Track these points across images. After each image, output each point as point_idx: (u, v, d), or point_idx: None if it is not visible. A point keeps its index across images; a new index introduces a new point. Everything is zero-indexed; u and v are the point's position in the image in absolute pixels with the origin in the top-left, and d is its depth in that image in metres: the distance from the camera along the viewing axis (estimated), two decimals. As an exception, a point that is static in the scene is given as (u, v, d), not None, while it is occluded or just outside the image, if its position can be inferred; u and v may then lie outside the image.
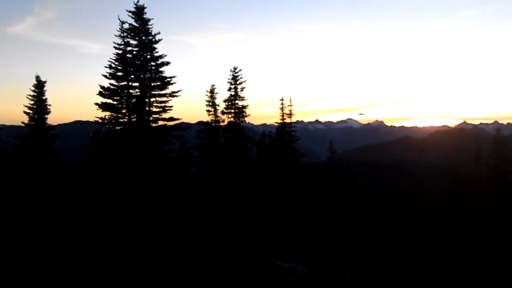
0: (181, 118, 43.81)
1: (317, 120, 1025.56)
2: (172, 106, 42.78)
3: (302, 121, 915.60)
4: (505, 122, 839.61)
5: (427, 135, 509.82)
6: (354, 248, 33.85)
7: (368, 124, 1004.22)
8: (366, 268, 26.85)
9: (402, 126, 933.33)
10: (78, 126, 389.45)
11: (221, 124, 51.59)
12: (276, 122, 57.89)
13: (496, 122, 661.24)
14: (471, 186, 48.90)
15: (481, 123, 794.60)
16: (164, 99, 42.48)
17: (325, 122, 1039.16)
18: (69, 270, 21.33)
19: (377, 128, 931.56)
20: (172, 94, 42.69)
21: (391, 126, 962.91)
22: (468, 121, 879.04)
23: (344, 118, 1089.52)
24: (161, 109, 42.51)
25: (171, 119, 42.93)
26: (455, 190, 51.35)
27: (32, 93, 46.65)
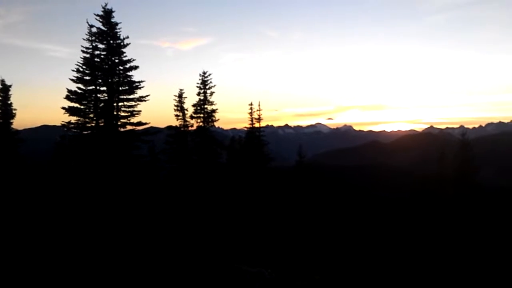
0: (149, 123, 43.52)
1: (286, 125, 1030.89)
2: (140, 111, 42.45)
3: (272, 125, 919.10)
4: (471, 126, 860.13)
5: (395, 139, 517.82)
6: (324, 251, 34.07)
7: (337, 128, 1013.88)
8: (336, 270, 27.06)
9: (371, 131, 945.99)
10: (45, 131, 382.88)
11: (190, 128, 51.49)
12: (246, 127, 57.92)
13: (462, 126, 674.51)
14: (434, 188, 49.75)
15: (447, 128, 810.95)
16: (133, 103, 42.09)
17: (294, 126, 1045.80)
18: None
19: (345, 132, 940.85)
20: (141, 99, 42.34)
21: (360, 130, 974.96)
22: (435, 126, 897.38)
23: (313, 123, 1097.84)
24: (129, 114, 42.10)
25: (140, 123, 42.58)
26: (419, 191, 52.28)
27: (-4, 97, 45.93)
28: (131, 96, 42.04)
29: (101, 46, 40.22)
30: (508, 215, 47.10)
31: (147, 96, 42.53)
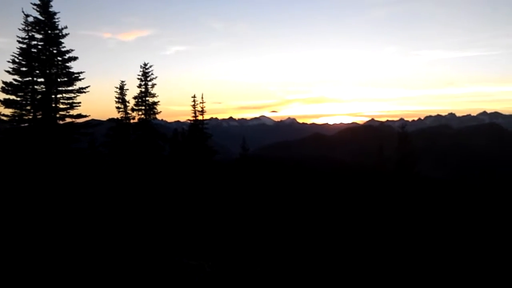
0: (90, 115, 42.81)
1: (231, 117, 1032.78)
2: (80, 103, 41.66)
3: (216, 118, 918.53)
4: (410, 119, 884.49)
5: (337, 131, 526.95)
6: (268, 243, 34.33)
7: (281, 121, 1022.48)
8: (279, 261, 27.34)
9: (314, 123, 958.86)
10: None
11: (132, 121, 50.88)
12: (189, 119, 57.66)
13: (402, 119, 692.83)
14: (373, 179, 51.00)
15: (388, 120, 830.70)
16: (72, 95, 41.23)
17: (239, 119, 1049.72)
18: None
19: (289, 125, 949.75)
20: (80, 90, 41.52)
21: (303, 123, 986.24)
22: (376, 118, 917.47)
23: (258, 115, 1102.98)
24: (68, 106, 41.22)
25: (79, 116, 41.78)
26: (358, 182, 53.58)
27: None
28: (70, 88, 41.19)
29: (38, 36, 39.11)
30: (445, 204, 48.75)
31: (87, 87, 41.78)
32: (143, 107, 50.92)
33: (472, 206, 46.34)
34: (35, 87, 39.48)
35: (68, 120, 41.63)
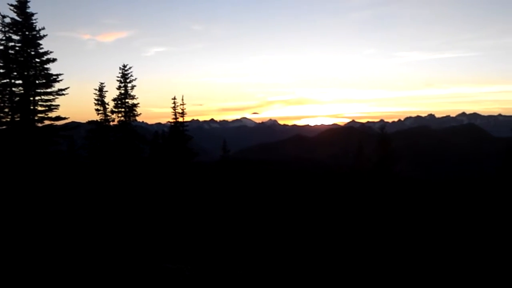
0: (69, 117, 42.42)
1: (212, 119, 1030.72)
2: (58, 105, 41.29)
3: (197, 120, 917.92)
4: (390, 120, 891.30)
5: (318, 133, 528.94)
6: (251, 246, 34.26)
7: (262, 123, 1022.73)
8: (261, 264, 27.29)
9: (295, 125, 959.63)
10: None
11: (112, 123, 50.51)
12: (169, 121, 57.42)
13: (382, 120, 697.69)
14: (353, 180, 51.34)
15: (368, 122, 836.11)
16: (50, 97, 40.86)
17: (220, 121, 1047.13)
18: None
19: (270, 126, 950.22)
20: (59, 92, 41.17)
21: (284, 124, 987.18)
22: (357, 120, 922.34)
23: (239, 117, 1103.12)
24: (47, 108, 40.84)
25: (58, 118, 41.38)
26: (338, 184, 53.91)
27: None
28: (49, 90, 40.81)
29: (15, 37, 38.68)
30: (424, 205, 49.10)
31: (65, 89, 41.45)
32: (122, 109, 50.57)
33: (450, 206, 46.76)
34: (13, 89, 39.04)
35: (46, 122, 41.23)
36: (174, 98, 56.11)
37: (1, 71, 38.40)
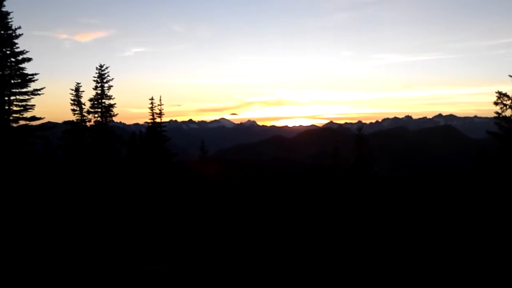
0: (44, 118, 42.09)
1: (191, 120, 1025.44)
2: (34, 105, 41.09)
3: (175, 120, 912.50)
4: (368, 121, 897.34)
5: (297, 134, 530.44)
6: (228, 246, 34.28)
7: (241, 123, 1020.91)
8: (239, 264, 27.33)
9: (273, 126, 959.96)
10: None
11: (88, 124, 50.10)
12: (146, 122, 57.00)
13: (360, 121, 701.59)
14: (329, 180, 51.61)
15: (346, 123, 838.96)
16: (26, 97, 40.60)
17: (198, 121, 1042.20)
18: None
19: (249, 127, 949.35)
20: (34, 92, 40.88)
21: (263, 125, 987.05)
22: (335, 121, 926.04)
23: (218, 118, 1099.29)
24: (22, 108, 40.57)
25: (33, 118, 41.07)
26: (314, 183, 54.16)
27: None
28: (24, 90, 40.56)
29: (-10, 36, 38.25)
30: (401, 205, 49.56)
31: (41, 89, 41.14)
32: (99, 110, 50.15)
33: (427, 204, 47.28)
34: (-13, 88, 38.61)
35: (21, 122, 40.98)
36: (152, 99, 55.62)
37: (-25, 70, 37.99)
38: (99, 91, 49.97)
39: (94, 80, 49.92)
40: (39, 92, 41.03)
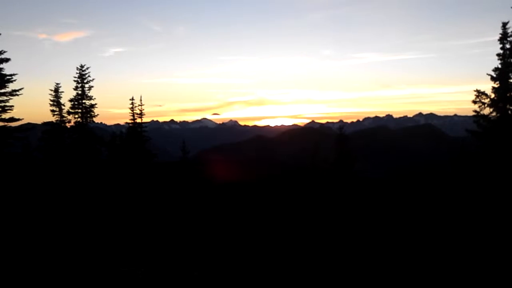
0: (23, 119, 41.71)
1: (172, 120, 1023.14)
2: (13, 106, 40.61)
3: (157, 120, 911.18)
4: (349, 121, 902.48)
5: (279, 133, 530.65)
6: (208, 247, 34.23)
7: (223, 123, 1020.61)
8: (218, 265, 27.29)
9: (255, 126, 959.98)
10: None
11: (68, 124, 49.76)
12: (127, 122, 56.61)
13: (341, 121, 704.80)
14: (310, 179, 51.89)
15: (328, 122, 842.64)
16: (4, 98, 40.17)
17: (180, 122, 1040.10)
18: None
19: (231, 127, 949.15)
20: (13, 93, 40.46)
21: (245, 125, 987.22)
22: (316, 121, 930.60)
23: (199, 118, 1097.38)
24: (0, 109, 40.05)
25: (12, 119, 40.67)
26: (295, 182, 54.41)
27: None
28: (2, 91, 40.13)
29: (-34, 36, 37.81)
30: (381, 203, 49.93)
31: (20, 90, 40.75)
32: (79, 110, 49.87)
33: (407, 204, 47.70)
34: (-36, 89, 38.15)
35: (0, 124, 40.43)
36: (132, 99, 55.21)
37: (-49, 71, 37.50)
38: (79, 92, 49.69)
39: (75, 81, 49.65)
40: (17, 93, 40.65)
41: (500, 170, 36.11)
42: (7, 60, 39.82)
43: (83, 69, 49.74)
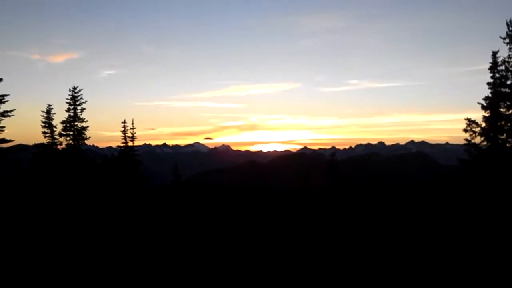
0: (14, 140, 41.57)
1: (164, 144, 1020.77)
2: (4, 127, 40.51)
3: (149, 144, 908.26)
4: (342, 147, 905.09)
5: (271, 159, 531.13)
6: (201, 272, 33.97)
7: (215, 148, 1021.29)
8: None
9: (248, 151, 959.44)
10: None
11: (60, 147, 49.61)
12: (119, 145, 56.51)
13: (333, 147, 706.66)
14: (302, 205, 51.94)
15: (320, 148, 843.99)
16: (-5, 119, 40.06)
17: (172, 145, 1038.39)
18: None
19: (224, 152, 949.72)
20: (5, 114, 40.41)
21: (237, 150, 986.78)
22: (309, 147, 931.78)
23: (192, 142, 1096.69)
24: (-9, 130, 40.01)
25: (3, 140, 40.56)
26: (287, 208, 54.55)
27: None
28: (-6, 111, 39.97)
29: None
30: (373, 229, 49.90)
31: (12, 111, 40.69)
32: (71, 132, 49.81)
33: (400, 230, 47.73)
34: (-44, 110, 38.09)
35: (-9, 145, 40.35)
36: (124, 122, 55.19)
37: None
38: (71, 114, 49.70)
39: (67, 102, 49.69)
40: (9, 113, 40.63)
41: (487, 198, 36.25)
42: (-1, 80, 39.88)
43: (76, 91, 49.82)
